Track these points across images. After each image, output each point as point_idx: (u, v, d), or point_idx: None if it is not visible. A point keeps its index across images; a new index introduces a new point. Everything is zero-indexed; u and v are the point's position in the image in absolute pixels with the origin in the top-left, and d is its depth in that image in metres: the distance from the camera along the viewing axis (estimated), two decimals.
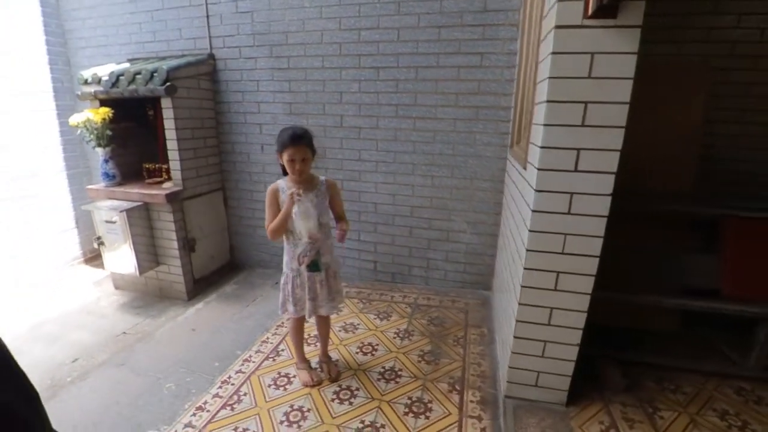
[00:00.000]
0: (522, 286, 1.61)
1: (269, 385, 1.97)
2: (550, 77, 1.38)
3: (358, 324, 2.53)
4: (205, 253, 3.11)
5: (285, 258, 1.83)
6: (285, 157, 1.66)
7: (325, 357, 2.09)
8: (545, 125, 1.42)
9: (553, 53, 1.36)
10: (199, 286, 3.03)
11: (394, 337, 2.37)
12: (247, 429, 1.70)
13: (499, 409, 1.77)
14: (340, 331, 2.45)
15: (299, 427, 1.71)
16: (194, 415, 1.79)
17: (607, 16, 1.28)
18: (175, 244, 2.81)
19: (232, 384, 1.99)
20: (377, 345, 2.30)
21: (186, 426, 1.72)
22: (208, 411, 1.81)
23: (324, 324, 2.04)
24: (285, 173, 1.76)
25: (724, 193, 2.23)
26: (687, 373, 1.95)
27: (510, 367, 1.75)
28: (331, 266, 1.86)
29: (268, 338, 2.38)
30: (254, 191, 3.21)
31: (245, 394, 1.91)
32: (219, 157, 3.17)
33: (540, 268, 1.57)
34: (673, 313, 2.19)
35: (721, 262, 1.91)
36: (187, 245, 2.90)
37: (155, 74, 2.55)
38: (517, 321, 1.66)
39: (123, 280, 3.04)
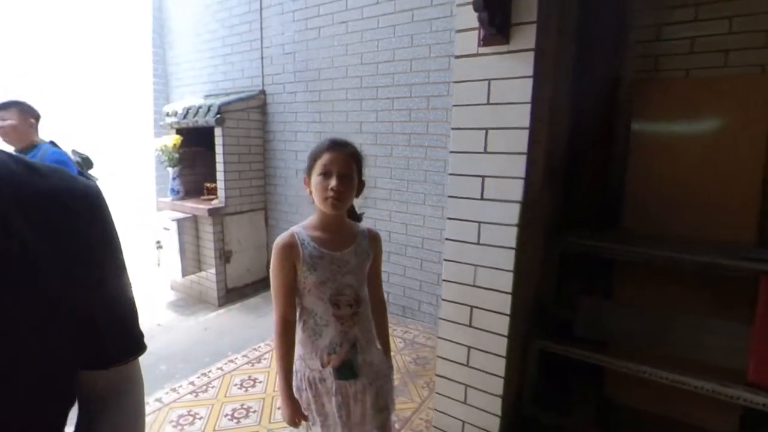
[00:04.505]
0: (439, 318, 1.70)
1: (235, 384, 2.38)
2: (453, 105, 1.55)
3: None
4: (241, 265, 3.80)
5: (298, 350, 1.24)
6: (318, 170, 1.12)
7: None
8: (451, 152, 1.57)
9: (455, 82, 1.54)
10: (231, 295, 3.70)
11: None
12: (197, 413, 2.13)
13: None
14: None
15: (238, 422, 2.06)
16: (167, 393, 2.30)
17: (500, 43, 1.42)
18: (213, 254, 3.55)
19: (208, 377, 2.46)
20: None
21: (156, 400, 2.24)
22: (178, 393, 2.30)
23: None
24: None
25: None
26: None
27: (435, 410, 1.79)
28: (374, 365, 1.25)
29: (259, 347, 2.82)
30: (289, 212, 3.81)
31: (213, 387, 2.36)
32: (264, 180, 3.91)
33: (455, 300, 1.64)
34: (727, 407, 1.83)
35: (751, 334, 1.61)
36: (223, 256, 3.62)
37: (210, 108, 3.41)
38: (438, 357, 1.73)
39: (175, 282, 3.92)
